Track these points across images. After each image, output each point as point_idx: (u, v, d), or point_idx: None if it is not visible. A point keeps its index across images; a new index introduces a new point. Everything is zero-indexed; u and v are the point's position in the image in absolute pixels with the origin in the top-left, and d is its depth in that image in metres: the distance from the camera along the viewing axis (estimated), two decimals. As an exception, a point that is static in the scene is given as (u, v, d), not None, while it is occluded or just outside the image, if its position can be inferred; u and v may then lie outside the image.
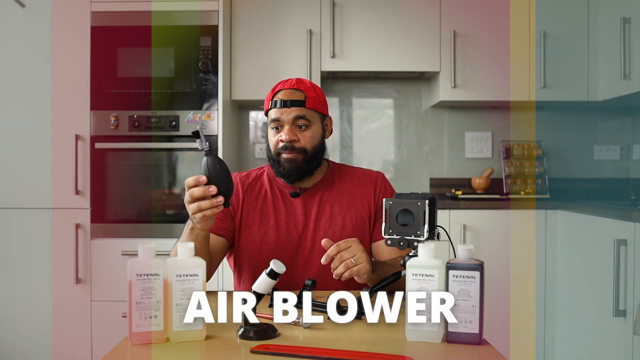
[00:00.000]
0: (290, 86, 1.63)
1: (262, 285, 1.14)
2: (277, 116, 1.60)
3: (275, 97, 1.61)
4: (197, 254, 1.41)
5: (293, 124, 1.59)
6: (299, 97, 1.60)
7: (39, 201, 2.86)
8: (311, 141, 1.61)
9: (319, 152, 1.64)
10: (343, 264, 1.35)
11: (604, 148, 3.55)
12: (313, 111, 1.62)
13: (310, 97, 1.61)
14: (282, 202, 1.64)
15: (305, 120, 1.60)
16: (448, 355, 1.05)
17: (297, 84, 1.63)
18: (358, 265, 1.36)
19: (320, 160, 1.66)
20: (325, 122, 1.68)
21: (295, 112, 1.59)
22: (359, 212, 1.65)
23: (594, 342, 2.60)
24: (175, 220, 2.86)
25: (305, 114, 1.60)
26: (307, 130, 1.61)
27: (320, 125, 1.65)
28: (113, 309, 2.81)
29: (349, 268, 1.35)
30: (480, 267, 1.07)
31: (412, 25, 3.16)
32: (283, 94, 1.61)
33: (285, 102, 1.59)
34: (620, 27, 2.87)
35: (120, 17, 2.87)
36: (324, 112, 1.66)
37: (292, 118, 1.59)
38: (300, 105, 1.59)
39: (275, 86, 1.65)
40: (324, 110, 1.66)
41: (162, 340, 1.09)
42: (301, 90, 1.62)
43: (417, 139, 3.56)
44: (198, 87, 2.87)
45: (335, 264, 1.35)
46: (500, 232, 2.94)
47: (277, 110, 1.60)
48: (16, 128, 2.87)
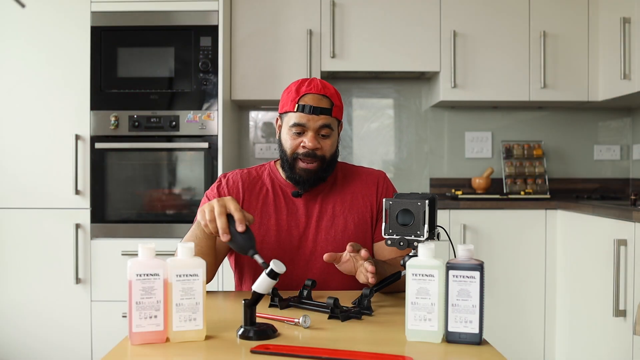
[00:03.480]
0: (317, 90, 1.56)
1: (262, 285, 1.14)
2: (302, 121, 1.54)
3: (301, 101, 1.54)
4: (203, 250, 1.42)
5: (317, 132, 1.55)
6: (327, 105, 1.55)
7: (39, 201, 2.86)
8: (330, 149, 1.59)
9: (334, 160, 1.62)
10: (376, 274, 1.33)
11: (604, 148, 3.55)
12: (336, 119, 1.59)
13: (337, 105, 1.58)
14: (283, 201, 1.64)
15: (329, 129, 1.56)
16: (448, 355, 1.05)
17: (323, 89, 1.57)
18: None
19: (333, 168, 1.64)
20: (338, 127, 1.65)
21: (322, 121, 1.54)
22: (361, 212, 1.65)
23: (594, 342, 2.60)
24: (175, 220, 2.86)
25: (331, 122, 1.56)
26: (328, 139, 1.57)
27: (337, 132, 1.63)
28: (113, 309, 2.82)
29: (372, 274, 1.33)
30: (480, 267, 1.07)
31: (412, 25, 3.16)
32: (311, 100, 1.54)
33: (315, 109, 1.53)
34: (620, 27, 2.87)
35: (120, 17, 2.87)
36: (341, 119, 1.64)
37: (318, 126, 1.55)
38: (328, 114, 1.55)
39: (299, 87, 1.57)
40: (341, 117, 1.64)
41: (162, 340, 1.09)
42: (328, 97, 1.56)
43: (417, 139, 3.56)
44: (198, 87, 2.87)
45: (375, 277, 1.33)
46: (500, 232, 2.95)
47: (303, 116, 1.54)
48: (16, 128, 2.87)
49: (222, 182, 1.66)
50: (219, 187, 1.64)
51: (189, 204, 2.87)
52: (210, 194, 1.64)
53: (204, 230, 1.32)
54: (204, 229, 1.31)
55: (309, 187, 1.60)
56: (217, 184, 1.66)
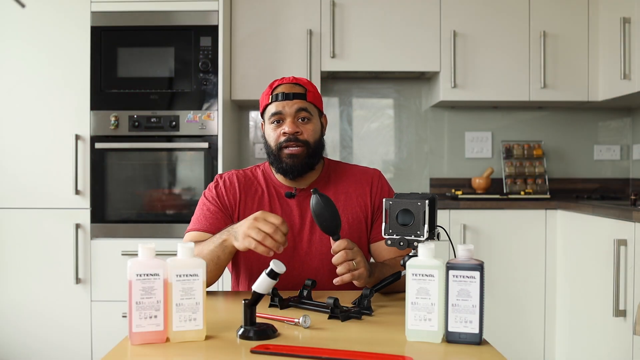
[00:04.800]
0: (289, 81, 1.64)
1: (262, 285, 1.14)
2: (278, 109, 1.59)
3: (275, 91, 1.61)
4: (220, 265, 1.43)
5: (295, 117, 1.59)
6: (300, 90, 1.61)
7: (39, 201, 2.86)
8: (313, 134, 1.61)
9: (319, 148, 1.64)
10: (345, 264, 1.34)
11: (604, 148, 3.55)
12: (313, 105, 1.63)
13: (310, 91, 1.63)
14: (278, 202, 1.64)
15: (307, 113, 1.60)
16: (448, 355, 1.05)
17: (295, 80, 1.65)
18: (359, 269, 1.36)
19: (321, 156, 1.66)
20: (321, 119, 1.68)
21: (298, 105, 1.59)
22: (355, 212, 1.64)
23: (594, 342, 2.60)
24: (175, 220, 2.86)
25: (307, 106, 1.61)
26: (309, 124, 1.61)
27: (319, 120, 1.66)
28: (113, 309, 2.81)
29: (351, 270, 1.35)
30: (480, 267, 1.07)
31: (412, 25, 3.16)
32: (284, 88, 1.62)
33: (288, 94, 1.59)
34: (620, 27, 2.87)
35: (120, 17, 2.87)
36: (321, 109, 1.67)
37: (295, 110, 1.59)
38: (302, 98, 1.60)
39: (272, 83, 1.65)
40: (321, 107, 1.67)
41: (162, 340, 1.09)
42: (300, 84, 1.63)
43: (417, 139, 3.56)
44: (198, 87, 2.87)
45: (338, 260, 1.35)
46: (500, 232, 2.95)
47: (278, 104, 1.59)
48: (16, 128, 2.87)
49: (219, 182, 1.66)
50: (217, 187, 1.64)
51: (189, 204, 2.86)
52: (208, 194, 1.64)
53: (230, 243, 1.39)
54: (259, 248, 1.32)
55: (297, 175, 1.60)
56: (214, 184, 1.66)
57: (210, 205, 1.62)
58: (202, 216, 1.60)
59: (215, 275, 1.47)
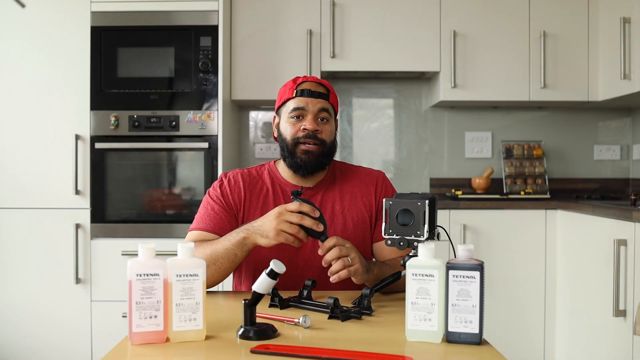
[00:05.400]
0: (314, 80, 1.65)
1: (262, 285, 1.14)
2: (302, 105, 1.60)
3: (300, 87, 1.62)
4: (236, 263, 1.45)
5: (316, 116, 1.61)
6: (324, 91, 1.63)
7: (39, 201, 2.86)
8: (330, 135, 1.63)
9: (333, 149, 1.65)
10: (340, 261, 1.35)
11: (604, 148, 3.55)
12: (332, 107, 1.65)
13: (332, 93, 1.65)
14: (283, 200, 1.64)
15: (327, 114, 1.62)
16: (448, 355, 1.05)
17: (319, 80, 1.66)
18: (354, 265, 1.36)
19: (333, 157, 1.67)
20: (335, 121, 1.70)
21: (321, 104, 1.61)
22: (360, 211, 1.65)
23: (594, 342, 2.60)
24: (175, 220, 2.86)
25: (328, 107, 1.63)
26: (327, 124, 1.62)
27: (334, 123, 1.68)
28: (113, 309, 2.82)
29: (346, 266, 1.35)
30: (480, 267, 1.07)
31: (412, 25, 3.16)
32: (309, 85, 1.63)
33: (313, 92, 1.60)
34: (620, 27, 2.87)
35: (120, 17, 2.87)
36: (337, 112, 1.69)
37: (318, 109, 1.60)
38: (325, 99, 1.62)
39: (296, 79, 1.65)
40: (337, 110, 1.69)
41: (162, 340, 1.09)
42: (324, 85, 1.65)
43: (417, 139, 3.56)
44: (198, 87, 2.87)
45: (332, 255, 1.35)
46: (500, 232, 2.95)
47: (302, 99, 1.60)
48: (16, 128, 2.87)
49: (223, 181, 1.66)
50: (222, 187, 1.65)
51: (189, 204, 2.86)
52: (212, 193, 1.65)
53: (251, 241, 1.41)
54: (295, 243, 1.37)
55: (309, 172, 1.61)
56: (218, 182, 1.66)
57: (214, 204, 1.62)
58: (207, 216, 1.60)
59: (226, 273, 1.47)
